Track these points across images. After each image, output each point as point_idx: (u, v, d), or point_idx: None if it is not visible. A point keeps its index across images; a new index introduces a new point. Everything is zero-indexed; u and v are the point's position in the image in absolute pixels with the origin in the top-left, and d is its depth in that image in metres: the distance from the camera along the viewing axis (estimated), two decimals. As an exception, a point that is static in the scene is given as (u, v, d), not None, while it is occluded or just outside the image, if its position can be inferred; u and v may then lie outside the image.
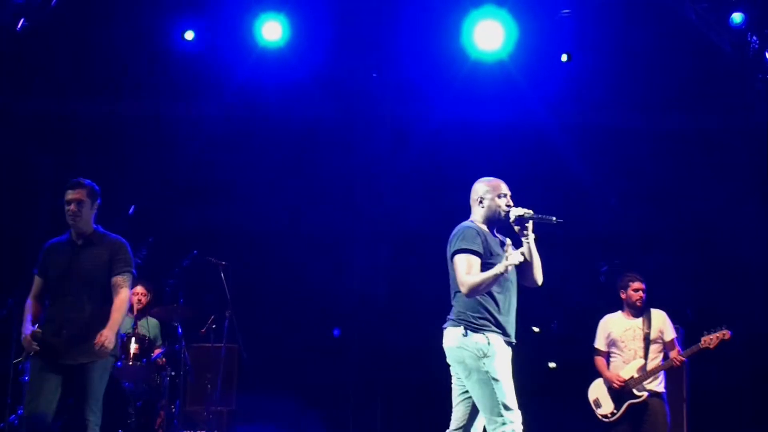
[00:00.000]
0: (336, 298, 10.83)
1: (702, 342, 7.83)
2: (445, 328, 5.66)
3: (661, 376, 8.05)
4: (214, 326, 9.23)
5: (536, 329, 13.01)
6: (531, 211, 5.60)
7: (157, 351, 9.12)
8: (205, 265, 9.15)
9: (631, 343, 8.12)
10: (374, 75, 10.36)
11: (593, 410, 8.16)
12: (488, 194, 5.72)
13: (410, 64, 10.19)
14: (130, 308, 8.52)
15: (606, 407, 8.05)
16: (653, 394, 8.01)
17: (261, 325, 10.22)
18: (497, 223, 5.76)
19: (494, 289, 5.51)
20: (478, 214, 5.78)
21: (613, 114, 10.74)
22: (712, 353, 7.90)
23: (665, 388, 8.08)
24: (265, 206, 10.77)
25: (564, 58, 9.82)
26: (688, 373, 9.03)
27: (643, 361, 8.02)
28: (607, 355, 8.24)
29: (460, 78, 10.03)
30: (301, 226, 10.93)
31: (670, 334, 8.17)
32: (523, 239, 5.63)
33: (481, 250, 5.51)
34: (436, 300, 6.33)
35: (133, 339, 8.70)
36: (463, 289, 5.46)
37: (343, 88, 10.58)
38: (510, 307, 5.66)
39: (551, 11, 9.72)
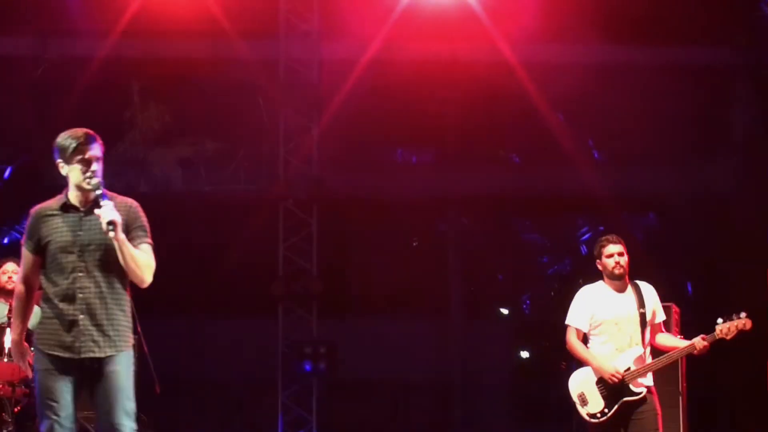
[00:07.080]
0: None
1: (718, 332, 6.59)
2: None
3: (651, 367, 6.90)
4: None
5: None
6: None
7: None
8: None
9: (627, 326, 6.77)
10: None
11: (577, 407, 6.87)
12: None
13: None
14: (2, 291, 7.61)
15: (594, 405, 6.77)
16: (648, 389, 6.79)
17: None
18: None
19: None
20: None
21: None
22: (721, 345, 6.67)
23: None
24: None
25: None
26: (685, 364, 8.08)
27: (641, 350, 6.77)
28: (585, 338, 6.92)
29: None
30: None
31: (661, 315, 7.03)
32: None
33: None
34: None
35: (8, 330, 7.01)
36: None
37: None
38: None
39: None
